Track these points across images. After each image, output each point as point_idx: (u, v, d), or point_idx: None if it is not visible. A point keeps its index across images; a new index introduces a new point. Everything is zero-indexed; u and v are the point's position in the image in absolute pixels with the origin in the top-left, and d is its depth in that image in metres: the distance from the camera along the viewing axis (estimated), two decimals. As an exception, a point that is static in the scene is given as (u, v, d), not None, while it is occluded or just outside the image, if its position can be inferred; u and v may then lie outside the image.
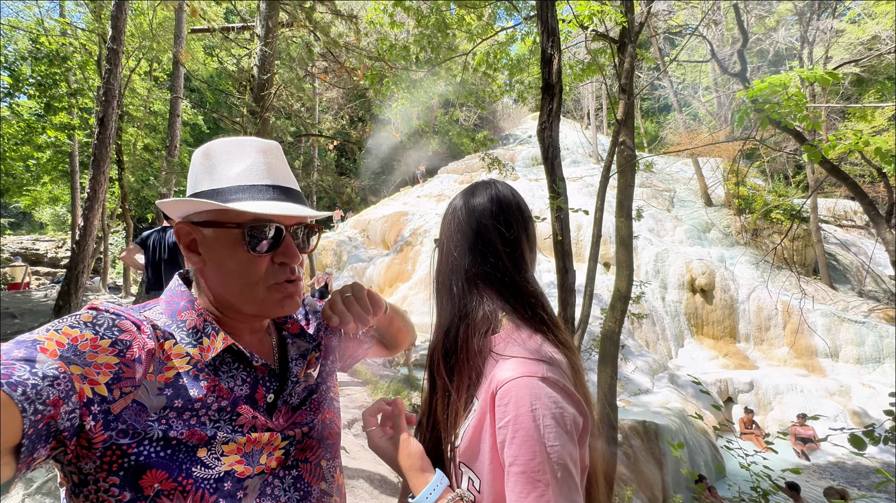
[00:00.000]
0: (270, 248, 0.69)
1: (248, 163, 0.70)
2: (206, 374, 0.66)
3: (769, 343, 10.64)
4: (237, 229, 0.67)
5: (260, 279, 0.69)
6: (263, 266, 0.69)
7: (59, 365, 0.52)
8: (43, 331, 0.56)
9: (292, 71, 6.76)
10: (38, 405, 0.48)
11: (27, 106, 10.92)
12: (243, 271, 0.68)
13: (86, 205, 6.79)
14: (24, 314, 7.87)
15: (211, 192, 0.68)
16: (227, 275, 0.69)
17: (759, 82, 2.82)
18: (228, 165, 0.70)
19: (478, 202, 0.83)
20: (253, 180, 0.69)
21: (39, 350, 0.53)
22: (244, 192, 0.68)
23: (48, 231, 24.89)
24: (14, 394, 0.47)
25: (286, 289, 0.72)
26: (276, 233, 0.69)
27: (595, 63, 4.78)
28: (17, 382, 0.48)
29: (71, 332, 0.57)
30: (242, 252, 0.68)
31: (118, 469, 0.56)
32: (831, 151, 2.86)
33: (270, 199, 0.69)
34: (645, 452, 6.58)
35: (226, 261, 0.69)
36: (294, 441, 0.73)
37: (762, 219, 13.60)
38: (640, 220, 4.94)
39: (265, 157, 0.71)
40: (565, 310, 2.42)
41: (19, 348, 0.52)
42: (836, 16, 13.56)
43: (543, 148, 2.37)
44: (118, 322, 0.62)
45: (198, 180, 0.70)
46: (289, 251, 0.70)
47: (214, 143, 0.72)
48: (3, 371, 0.48)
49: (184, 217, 0.71)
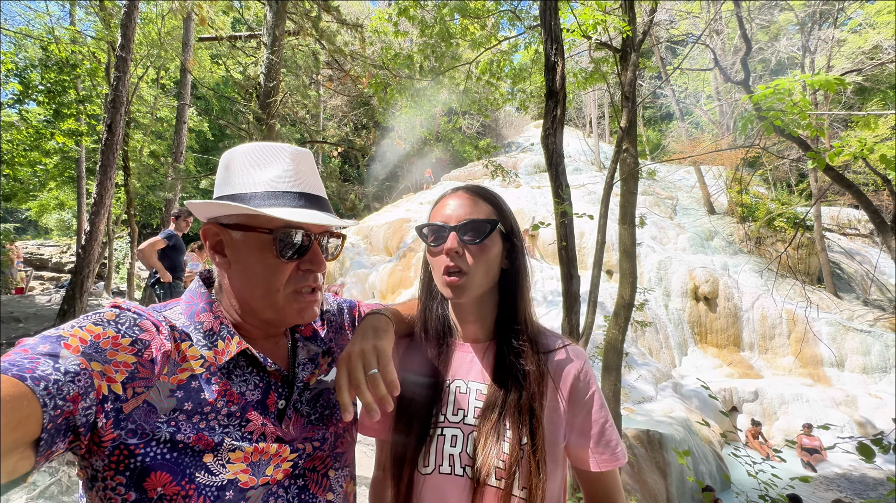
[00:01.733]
0: (298, 254, 0.70)
1: (281, 169, 0.71)
2: (218, 378, 0.66)
3: (774, 352, 10.55)
4: (268, 234, 0.68)
5: (282, 285, 0.70)
6: (288, 272, 0.70)
7: (81, 361, 0.54)
8: (68, 327, 0.57)
9: (298, 79, 6.84)
10: (58, 400, 0.49)
11: (36, 112, 11.07)
12: (269, 276, 0.69)
13: (92, 210, 6.85)
14: (28, 318, 7.90)
15: (243, 196, 0.69)
16: (252, 278, 0.70)
17: (763, 87, 2.83)
18: (261, 170, 0.70)
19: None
20: (285, 187, 0.70)
21: (63, 346, 0.54)
22: (276, 198, 0.69)
23: (53, 236, 25.04)
24: (37, 388, 0.47)
25: (307, 298, 0.72)
26: (305, 240, 0.70)
27: (598, 71, 4.82)
28: (40, 377, 0.49)
29: (94, 329, 0.58)
30: (271, 257, 0.69)
31: (125, 469, 0.57)
32: (836, 158, 2.87)
33: (301, 206, 0.70)
34: (649, 461, 6.51)
35: (252, 265, 0.69)
36: (303, 454, 0.72)
37: (765, 227, 13.56)
38: (643, 228, 4.94)
39: (297, 164, 0.72)
40: (570, 316, 2.42)
41: (45, 343, 0.53)
42: (837, 25, 13.63)
43: (547, 154, 2.39)
44: (139, 321, 0.63)
45: (229, 182, 0.71)
46: (315, 258, 0.71)
47: (247, 147, 0.73)
48: (28, 365, 0.49)
49: (212, 218, 0.72)
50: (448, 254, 0.80)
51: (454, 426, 0.80)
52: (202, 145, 21.46)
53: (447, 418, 0.81)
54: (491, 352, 0.86)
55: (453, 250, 0.80)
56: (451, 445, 0.78)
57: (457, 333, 0.90)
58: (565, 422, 0.82)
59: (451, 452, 0.78)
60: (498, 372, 0.82)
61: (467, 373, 0.85)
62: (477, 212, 0.83)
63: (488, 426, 0.77)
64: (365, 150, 8.63)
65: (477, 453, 0.75)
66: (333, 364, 0.83)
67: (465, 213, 0.82)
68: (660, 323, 10.91)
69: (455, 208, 0.83)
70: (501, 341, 0.86)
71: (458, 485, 0.76)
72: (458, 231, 0.81)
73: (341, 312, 0.93)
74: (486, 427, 0.77)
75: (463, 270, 0.80)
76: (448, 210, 0.84)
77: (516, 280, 0.87)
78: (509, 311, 0.87)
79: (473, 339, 0.89)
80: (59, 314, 6.81)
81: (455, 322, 0.90)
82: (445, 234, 0.81)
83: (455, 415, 0.81)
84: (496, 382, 0.81)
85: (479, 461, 0.74)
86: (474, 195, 0.86)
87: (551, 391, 0.82)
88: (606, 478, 0.83)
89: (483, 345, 0.88)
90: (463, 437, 0.79)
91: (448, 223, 0.82)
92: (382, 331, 0.76)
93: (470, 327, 0.88)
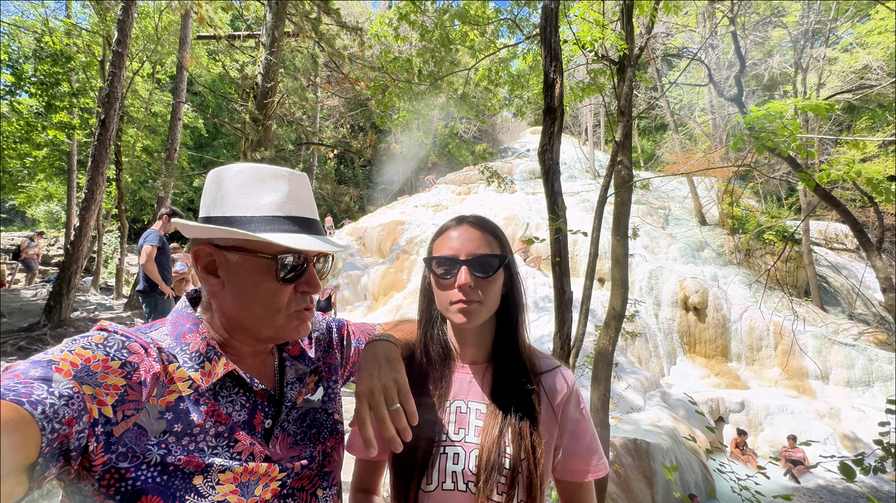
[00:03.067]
0: (295, 277, 0.71)
1: (280, 194, 0.71)
2: (206, 399, 0.66)
3: (760, 363, 10.69)
4: (269, 259, 0.68)
5: (283, 307, 0.71)
6: (287, 295, 0.71)
7: (74, 384, 0.54)
8: (57, 351, 0.57)
9: (296, 80, 6.82)
10: (55, 423, 0.49)
11: (27, 104, 10.91)
12: (269, 298, 0.70)
13: (83, 205, 6.77)
14: (12, 313, 7.76)
15: (241, 220, 0.69)
16: (250, 300, 0.70)
17: (755, 109, 2.89)
18: (259, 194, 0.70)
19: None
20: (284, 212, 0.70)
21: (55, 370, 0.54)
22: (277, 223, 0.69)
23: (41, 228, 24.64)
24: (35, 412, 0.48)
25: (304, 317, 0.74)
26: (303, 263, 0.72)
27: (595, 83, 4.87)
28: (36, 401, 0.49)
29: (84, 353, 0.58)
30: (271, 281, 0.69)
31: (115, 493, 0.57)
32: (825, 179, 2.93)
33: (299, 231, 0.71)
34: (636, 471, 6.54)
35: (251, 287, 0.69)
36: (291, 473, 0.72)
37: (755, 239, 13.76)
38: (636, 239, 5.00)
39: (294, 187, 0.73)
40: (562, 329, 2.44)
41: (36, 368, 0.53)
42: (829, 44, 13.92)
43: (544, 169, 2.42)
44: (128, 344, 0.62)
45: (223, 204, 0.70)
46: (311, 281, 0.73)
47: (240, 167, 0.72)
48: (24, 390, 0.49)
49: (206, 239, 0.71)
50: (461, 289, 0.82)
51: (456, 444, 0.83)
52: (196, 142, 21.27)
53: (449, 437, 0.83)
54: (489, 373, 0.90)
55: (467, 285, 0.82)
56: (453, 463, 0.81)
57: (456, 355, 0.93)
58: (556, 437, 0.86)
59: (453, 469, 0.80)
60: (497, 392, 0.86)
61: (467, 393, 0.88)
62: (484, 246, 0.86)
63: (489, 443, 0.80)
64: (361, 152, 8.63)
65: (480, 470, 0.78)
66: (320, 384, 0.84)
67: (474, 247, 0.85)
68: (649, 332, 11.00)
69: (463, 241, 0.86)
70: (499, 363, 0.89)
71: (461, 500, 0.79)
72: (469, 265, 0.83)
73: (329, 331, 0.94)
74: (487, 444, 0.80)
75: (475, 300, 0.83)
76: (456, 243, 0.86)
77: (514, 305, 0.91)
78: (506, 335, 0.91)
79: (472, 361, 0.92)
80: (45, 310, 6.70)
81: (455, 345, 0.93)
82: (456, 268, 0.84)
83: (457, 433, 0.84)
84: (495, 402, 0.85)
85: (482, 477, 0.77)
86: (480, 229, 0.88)
87: (545, 410, 0.86)
88: (587, 488, 0.89)
89: (482, 366, 0.91)
90: (465, 455, 0.81)
91: (458, 256, 0.84)
92: (396, 362, 0.79)
93: (469, 350, 0.92)
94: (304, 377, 0.82)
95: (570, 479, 0.88)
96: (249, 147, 5.67)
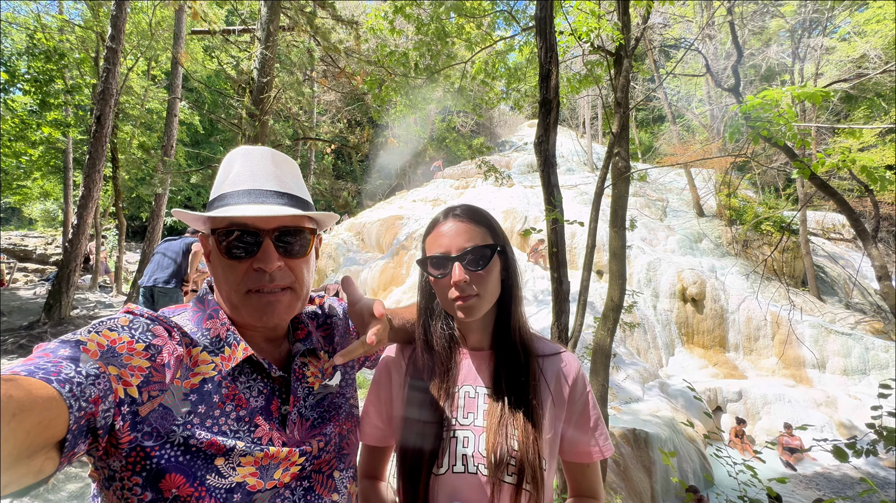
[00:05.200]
0: (247, 253, 0.69)
1: (237, 171, 0.72)
2: (227, 383, 0.68)
3: (758, 353, 10.77)
4: (215, 236, 0.70)
5: (237, 285, 0.70)
6: (241, 272, 0.70)
7: (100, 365, 0.55)
8: (84, 332, 0.59)
9: (292, 75, 6.79)
10: (82, 402, 0.51)
11: (21, 102, 10.83)
12: (225, 276, 0.70)
13: (80, 203, 6.75)
14: (12, 312, 7.77)
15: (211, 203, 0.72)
16: (217, 281, 0.73)
17: (752, 98, 2.89)
18: (224, 176, 0.73)
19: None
20: (231, 187, 0.71)
21: (83, 350, 0.55)
22: (224, 199, 0.70)
23: (38, 227, 24.53)
24: (63, 390, 0.49)
25: (263, 299, 0.70)
26: (253, 238, 0.69)
27: (591, 74, 4.86)
28: (65, 379, 0.50)
29: (110, 335, 0.60)
30: (222, 257, 0.70)
31: (141, 470, 0.59)
32: (820, 168, 2.94)
33: (246, 202, 0.69)
34: (635, 460, 6.61)
35: (215, 268, 0.72)
36: (311, 457, 0.73)
37: (752, 230, 13.80)
38: (634, 230, 5.01)
39: (250, 162, 0.72)
40: (559, 320, 2.46)
41: (64, 347, 0.55)
42: (826, 34, 13.87)
43: (540, 161, 2.42)
44: (152, 327, 0.64)
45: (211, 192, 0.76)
46: (264, 256, 0.69)
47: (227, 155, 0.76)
48: (53, 368, 0.51)
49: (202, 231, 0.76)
50: (457, 286, 0.82)
51: (465, 429, 0.84)
52: (193, 139, 21.15)
53: (458, 421, 0.85)
54: (494, 358, 0.91)
55: (461, 281, 0.81)
56: (463, 446, 0.82)
57: (462, 342, 0.94)
58: (563, 420, 0.88)
59: (464, 453, 0.82)
60: (497, 376, 0.87)
61: (475, 379, 0.89)
62: (475, 238, 0.84)
63: (498, 426, 0.81)
64: (359, 147, 8.61)
65: (489, 452, 0.80)
66: (338, 369, 0.85)
67: (464, 240, 0.84)
68: (648, 323, 11.06)
69: (452, 237, 0.84)
70: (501, 348, 0.90)
71: (471, 482, 0.80)
72: (461, 260, 0.82)
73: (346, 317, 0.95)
74: (495, 426, 0.81)
75: (472, 294, 0.83)
76: (445, 239, 0.85)
77: (511, 291, 0.91)
78: (506, 320, 0.91)
79: (478, 348, 0.93)
80: (44, 308, 6.71)
81: (459, 333, 0.94)
82: (449, 265, 0.83)
83: (465, 418, 0.85)
84: (501, 385, 0.86)
85: (493, 459, 0.79)
86: (467, 220, 0.87)
87: (552, 392, 0.88)
88: (594, 469, 0.92)
89: (487, 352, 0.92)
90: (475, 438, 0.83)
91: (449, 253, 0.83)
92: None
93: (474, 336, 0.93)
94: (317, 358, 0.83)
95: (578, 461, 0.90)
96: (246, 143, 5.66)
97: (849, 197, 12.10)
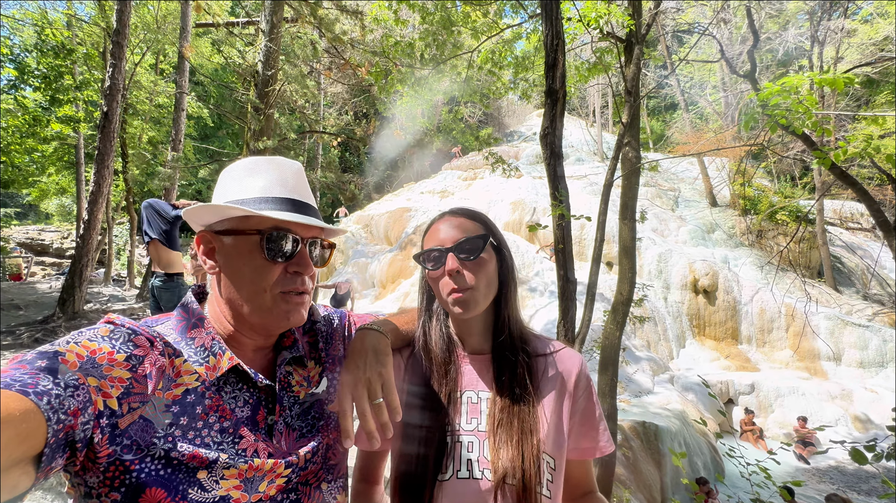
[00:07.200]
0: (286, 257, 0.71)
1: (271, 177, 0.74)
2: (211, 394, 0.67)
3: (771, 345, 10.60)
4: (256, 236, 0.69)
5: (270, 286, 0.70)
6: (276, 274, 0.71)
7: (79, 376, 0.54)
8: (63, 342, 0.57)
9: (296, 67, 6.73)
10: (60, 415, 0.50)
11: (32, 98, 10.95)
12: (256, 277, 0.70)
13: (90, 198, 6.83)
14: (28, 306, 7.94)
15: (235, 203, 0.71)
16: (240, 281, 0.71)
17: (769, 84, 2.77)
18: (253, 179, 0.73)
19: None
20: (274, 193, 0.73)
21: (61, 361, 0.54)
22: (266, 202, 0.72)
23: (54, 221, 25.03)
24: (40, 403, 0.48)
25: (294, 300, 0.73)
26: (293, 243, 0.72)
27: (601, 62, 4.73)
28: (42, 391, 0.49)
29: (90, 345, 0.58)
30: (259, 258, 0.70)
31: (120, 485, 0.57)
32: (842, 157, 2.82)
33: (289, 210, 0.72)
34: (644, 453, 6.58)
35: (241, 267, 0.71)
36: (297, 468, 0.72)
37: (767, 220, 13.50)
38: (644, 222, 4.91)
39: (285, 172, 0.76)
40: (565, 317, 2.41)
41: (42, 359, 0.53)
42: (847, 16, 13.36)
43: (546, 153, 2.35)
44: (133, 337, 0.63)
45: (224, 194, 0.73)
46: (303, 261, 0.72)
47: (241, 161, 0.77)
48: (30, 380, 0.49)
49: (206, 226, 0.74)
50: (450, 275, 0.84)
51: (470, 433, 0.84)
52: (201, 132, 21.27)
53: (462, 427, 0.85)
54: (495, 362, 0.91)
55: (454, 270, 0.84)
56: (468, 451, 0.82)
57: (462, 347, 0.94)
58: (568, 419, 0.88)
59: (468, 457, 0.81)
60: (504, 380, 0.87)
61: (476, 383, 0.89)
62: (468, 230, 0.87)
63: (501, 429, 0.81)
64: (365, 139, 8.55)
65: (494, 456, 0.80)
66: (324, 375, 0.84)
67: (458, 233, 0.87)
68: (658, 315, 10.94)
69: (447, 231, 0.88)
70: (502, 351, 0.90)
71: (477, 487, 0.80)
72: (455, 250, 0.85)
73: (331, 322, 0.93)
74: (499, 430, 0.81)
75: (466, 287, 0.84)
76: (441, 234, 0.88)
77: (505, 291, 0.92)
78: (503, 321, 0.92)
79: (478, 351, 0.93)
80: (58, 302, 6.84)
81: (458, 336, 0.94)
82: (443, 256, 0.86)
83: (469, 423, 0.85)
84: (503, 388, 0.86)
85: (498, 463, 0.79)
86: (462, 216, 0.90)
87: (555, 391, 0.88)
88: (589, 465, 0.94)
89: (487, 356, 0.92)
90: (479, 443, 0.83)
91: (443, 246, 0.86)
92: (383, 355, 0.79)
93: (473, 339, 0.93)
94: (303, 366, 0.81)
95: (579, 458, 0.91)
96: (252, 136, 5.64)
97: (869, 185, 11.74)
